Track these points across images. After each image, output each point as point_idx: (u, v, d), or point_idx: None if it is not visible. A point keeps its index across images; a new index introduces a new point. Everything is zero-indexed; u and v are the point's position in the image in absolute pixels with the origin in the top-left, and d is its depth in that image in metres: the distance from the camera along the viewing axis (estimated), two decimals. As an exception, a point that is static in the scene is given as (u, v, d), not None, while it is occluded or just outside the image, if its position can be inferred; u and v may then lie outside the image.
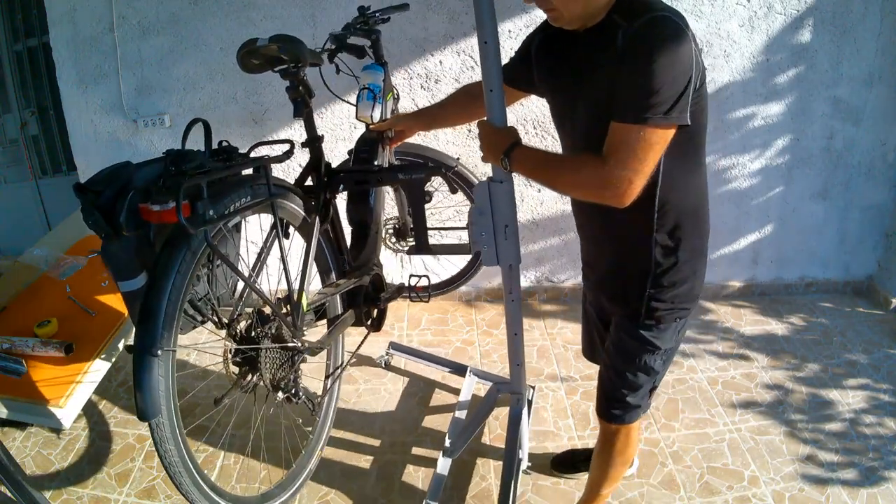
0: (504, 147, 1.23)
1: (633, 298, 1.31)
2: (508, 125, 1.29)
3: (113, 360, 1.88)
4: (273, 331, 1.43)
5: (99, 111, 2.58)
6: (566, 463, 1.93)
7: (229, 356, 1.37)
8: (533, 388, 2.25)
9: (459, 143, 2.62)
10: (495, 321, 2.75)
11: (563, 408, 2.21)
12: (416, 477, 1.91)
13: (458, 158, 2.22)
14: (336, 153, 2.59)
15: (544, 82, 1.33)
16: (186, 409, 2.11)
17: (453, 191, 1.91)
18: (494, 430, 2.09)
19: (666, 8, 1.06)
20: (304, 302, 1.53)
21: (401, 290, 1.98)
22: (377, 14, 1.94)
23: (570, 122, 1.27)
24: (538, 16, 2.28)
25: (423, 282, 2.02)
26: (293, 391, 1.50)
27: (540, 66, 1.32)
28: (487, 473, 1.92)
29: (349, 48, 1.82)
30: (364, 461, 1.97)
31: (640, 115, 1.03)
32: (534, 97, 1.63)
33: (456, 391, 2.25)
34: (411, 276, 2.04)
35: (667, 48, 1.01)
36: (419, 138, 2.59)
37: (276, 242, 1.46)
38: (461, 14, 2.41)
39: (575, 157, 1.20)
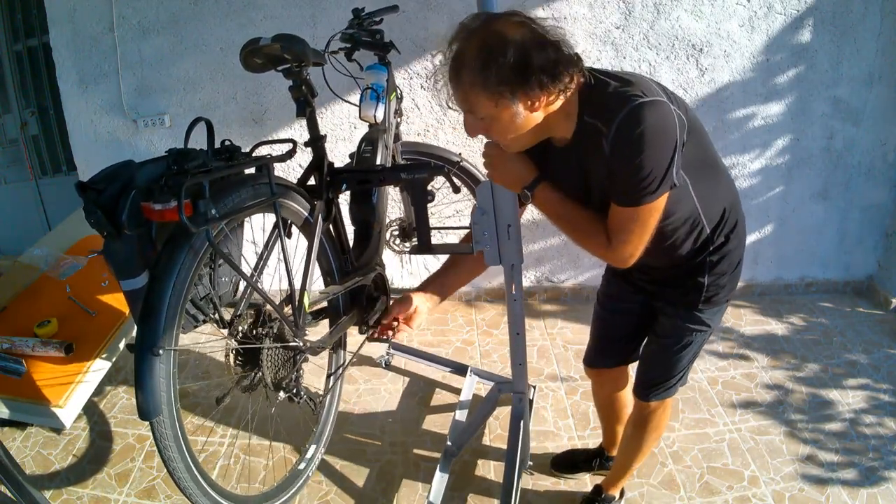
0: (527, 180, 1.23)
1: (691, 290, 1.35)
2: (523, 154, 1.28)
3: (113, 359, 1.87)
4: (275, 330, 1.43)
5: (99, 111, 2.58)
6: (566, 463, 1.93)
7: (231, 355, 1.37)
8: (534, 387, 2.25)
9: (460, 144, 2.62)
10: (495, 321, 2.75)
11: (563, 408, 2.21)
12: (417, 477, 1.91)
13: (459, 154, 2.22)
14: (337, 153, 2.58)
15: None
16: (187, 409, 2.11)
17: (456, 190, 1.90)
18: (495, 430, 2.09)
19: (631, 85, 1.06)
20: (306, 301, 1.52)
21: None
22: (370, 16, 1.94)
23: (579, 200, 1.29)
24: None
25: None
26: (294, 391, 1.50)
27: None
28: (488, 473, 1.92)
29: (367, 45, 1.82)
30: (364, 461, 1.97)
31: (631, 200, 1.10)
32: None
33: (456, 391, 2.25)
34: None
35: (648, 138, 1.03)
36: (420, 137, 2.60)
37: (279, 242, 1.46)
38: (461, 14, 2.38)
39: (588, 222, 1.21)
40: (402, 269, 2.79)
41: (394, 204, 2.55)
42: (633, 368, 1.65)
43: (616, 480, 1.75)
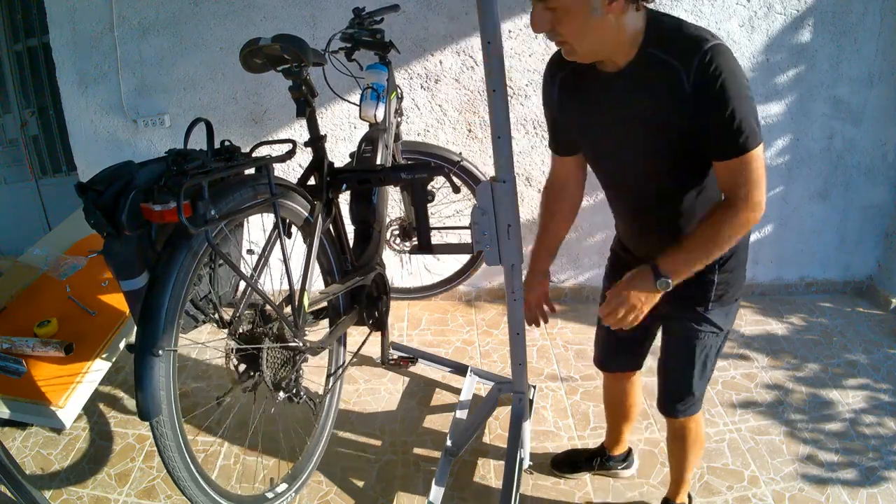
0: (652, 282, 1.16)
1: (700, 289, 1.33)
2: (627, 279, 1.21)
3: (113, 359, 1.87)
4: (275, 330, 1.43)
5: (99, 111, 2.58)
6: (566, 463, 1.93)
7: (231, 356, 1.37)
8: (534, 387, 2.25)
9: (460, 143, 2.62)
10: (495, 321, 2.75)
11: (563, 408, 2.21)
12: (417, 477, 1.91)
13: (460, 154, 2.22)
14: (337, 153, 2.58)
15: (576, 127, 1.30)
16: (187, 409, 2.11)
17: (456, 190, 1.91)
18: (495, 430, 2.09)
19: (701, 31, 1.06)
20: (306, 302, 1.52)
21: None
22: (370, 16, 1.94)
23: (613, 161, 1.28)
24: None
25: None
26: (294, 391, 1.50)
27: (567, 113, 1.28)
28: (488, 473, 1.92)
29: (367, 44, 1.82)
30: (364, 461, 1.97)
31: (747, 147, 1.07)
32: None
33: (456, 391, 2.25)
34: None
35: (737, 77, 1.03)
36: (420, 137, 2.60)
37: (279, 242, 1.46)
38: (461, 14, 2.41)
39: (707, 223, 1.15)
40: (402, 269, 2.79)
41: (394, 204, 2.55)
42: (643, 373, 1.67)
43: (679, 490, 1.72)
